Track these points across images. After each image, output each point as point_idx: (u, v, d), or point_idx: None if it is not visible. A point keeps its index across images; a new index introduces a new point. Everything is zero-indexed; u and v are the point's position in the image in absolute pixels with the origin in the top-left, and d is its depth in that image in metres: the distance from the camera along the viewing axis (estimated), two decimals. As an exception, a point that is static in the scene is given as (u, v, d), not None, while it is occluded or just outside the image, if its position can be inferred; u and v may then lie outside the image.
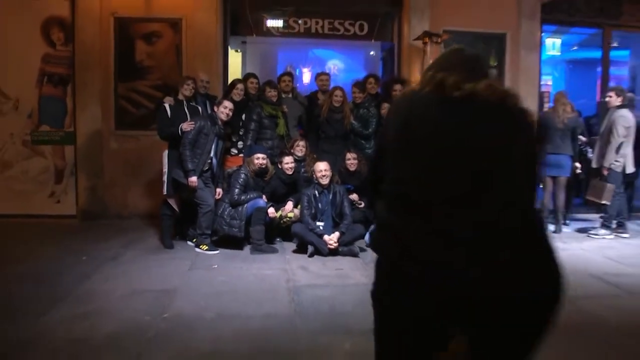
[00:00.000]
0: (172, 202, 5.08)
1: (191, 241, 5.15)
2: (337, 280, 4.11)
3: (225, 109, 4.98)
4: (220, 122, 4.99)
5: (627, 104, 6.09)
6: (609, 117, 6.07)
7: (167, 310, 3.26)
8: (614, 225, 6.16)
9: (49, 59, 6.51)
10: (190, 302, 3.45)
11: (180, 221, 5.27)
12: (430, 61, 6.01)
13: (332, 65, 8.03)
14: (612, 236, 6.03)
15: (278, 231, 5.36)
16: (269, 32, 7.08)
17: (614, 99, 6.08)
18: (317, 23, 7.03)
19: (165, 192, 5.09)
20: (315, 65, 7.92)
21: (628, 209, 6.73)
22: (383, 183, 1.44)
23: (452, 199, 1.28)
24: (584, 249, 5.42)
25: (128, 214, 6.43)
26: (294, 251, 4.99)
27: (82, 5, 6.36)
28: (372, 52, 8.00)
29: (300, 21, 7.02)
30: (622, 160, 5.91)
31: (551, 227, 6.23)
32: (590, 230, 6.21)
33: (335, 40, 7.39)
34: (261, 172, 5.19)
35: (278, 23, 7.00)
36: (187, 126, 4.86)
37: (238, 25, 6.99)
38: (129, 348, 2.68)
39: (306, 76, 7.99)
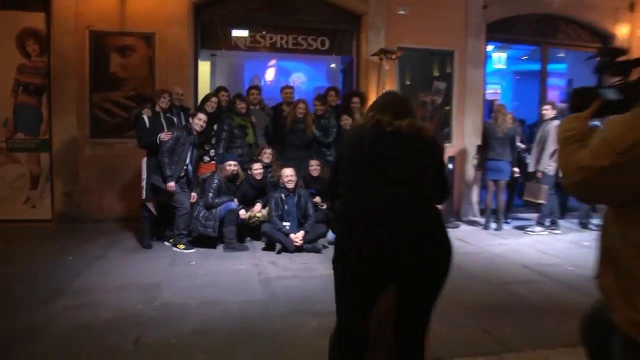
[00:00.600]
0: (150, 205, 5.51)
1: (168, 242, 5.58)
2: (303, 273, 4.66)
3: (200, 121, 5.45)
4: (195, 133, 5.46)
5: (559, 116, 6.90)
6: (544, 128, 6.84)
7: (156, 300, 3.72)
8: (547, 223, 6.96)
9: (24, 70, 6.78)
10: (175, 293, 3.92)
11: (157, 223, 5.69)
12: (386, 75, 6.66)
13: (296, 78, 8.58)
14: (546, 233, 6.82)
15: (248, 231, 5.87)
16: (237, 46, 7.57)
17: (549, 112, 6.88)
18: (282, 39, 7.56)
19: (144, 197, 5.51)
20: (280, 78, 8.45)
21: (562, 209, 7.59)
22: (340, 189, 2.06)
23: (386, 198, 1.89)
24: (521, 244, 6.16)
25: (104, 218, 6.76)
26: (264, 249, 5.51)
27: (58, 18, 6.65)
28: (333, 66, 8.60)
29: (266, 36, 7.54)
30: (554, 165, 6.70)
31: (493, 226, 6.99)
32: (527, 228, 6.99)
33: (298, 55, 7.94)
34: (233, 178, 5.69)
35: (245, 38, 7.49)
36: (165, 136, 5.30)
37: (208, 40, 7.44)
38: (128, 331, 3.13)
39: (271, 88, 8.50)
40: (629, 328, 1.39)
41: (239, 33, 7.47)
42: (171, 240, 5.53)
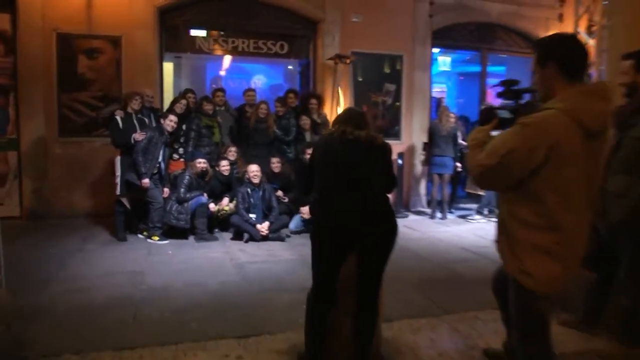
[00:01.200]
0: (124, 200, 5.89)
1: (141, 234, 5.99)
2: (270, 258, 5.21)
3: (171, 122, 5.88)
4: (166, 132, 5.88)
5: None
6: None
7: (143, 284, 4.18)
8: (486, 212, 7.81)
9: (-11, 70, 6.95)
10: (158, 277, 4.38)
11: (129, 217, 6.07)
12: (341, 78, 7.24)
13: (256, 80, 9.07)
14: (484, 220, 7.66)
15: (216, 223, 6.35)
16: (200, 49, 7.98)
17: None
18: (243, 42, 8.02)
19: (118, 192, 5.89)
20: (241, 79, 8.92)
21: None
22: (313, 187, 2.68)
23: (349, 191, 2.51)
24: (461, 230, 6.94)
25: (73, 214, 7.04)
26: (232, 238, 6.03)
27: (24, 19, 6.83)
28: (290, 67, 9.13)
29: (228, 40, 7.98)
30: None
31: (439, 215, 7.77)
32: (468, 216, 7.82)
33: (259, 58, 8.43)
34: (202, 174, 6.14)
35: (208, 41, 7.91)
36: (139, 136, 5.70)
37: (172, 43, 7.82)
38: (124, 309, 3.59)
39: (233, 89, 8.96)
40: (515, 275, 2.04)
41: (201, 36, 7.88)
42: (145, 233, 5.94)
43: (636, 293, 2.85)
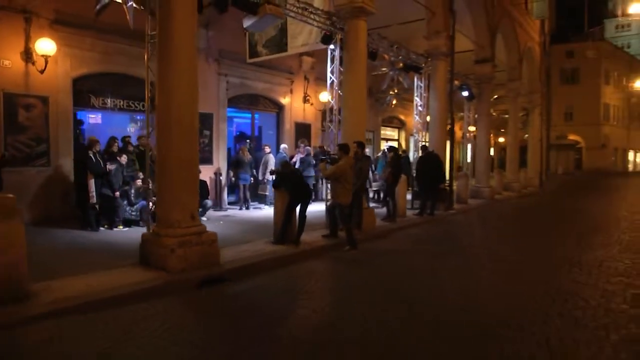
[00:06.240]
0: (97, 206, 9.66)
1: (103, 227, 9.83)
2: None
3: (124, 158, 10.00)
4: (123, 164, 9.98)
5: (279, 152, 14.04)
6: (265, 157, 13.88)
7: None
8: (269, 204, 14.05)
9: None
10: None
11: (97, 216, 9.81)
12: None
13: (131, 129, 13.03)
14: (268, 207, 13.87)
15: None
16: (102, 107, 11.68)
17: (267, 149, 13.97)
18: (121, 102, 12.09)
19: (94, 201, 9.60)
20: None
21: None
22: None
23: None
24: (257, 213, 12.95)
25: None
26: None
27: (-20, 83, 9.51)
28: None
29: (113, 100, 11.92)
30: (269, 176, 13.82)
31: (244, 207, 13.59)
32: (258, 207, 13.90)
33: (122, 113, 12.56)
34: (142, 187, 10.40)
35: (106, 101, 11.70)
36: (110, 166, 9.66)
37: (83, 102, 11.30)
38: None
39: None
40: (336, 200, 8.43)
41: (102, 97, 11.61)
42: (105, 225, 9.83)
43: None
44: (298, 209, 8.65)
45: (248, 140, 15.62)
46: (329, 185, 10.32)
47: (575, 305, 5.52)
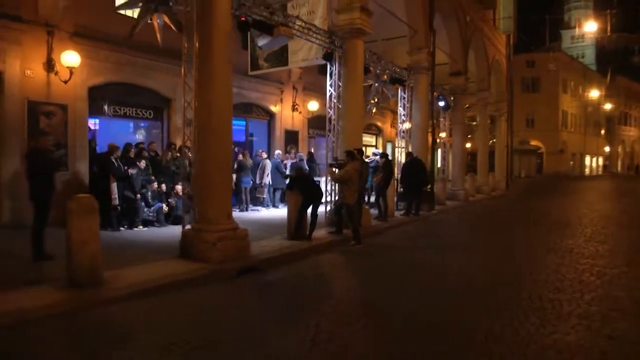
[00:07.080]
0: (119, 207, 10.43)
1: (123, 227, 10.59)
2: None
3: (142, 163, 10.81)
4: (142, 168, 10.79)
5: (275, 157, 15.04)
6: (262, 163, 14.85)
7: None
8: (270, 206, 15.01)
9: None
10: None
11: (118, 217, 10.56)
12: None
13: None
14: (267, 210, 14.83)
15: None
16: (114, 114, 12.41)
17: (263, 154, 14.96)
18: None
19: (116, 203, 10.36)
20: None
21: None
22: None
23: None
24: (256, 214, 13.89)
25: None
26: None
27: (7, 92, 10.16)
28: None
29: (121, 109, 12.66)
30: (268, 179, 14.78)
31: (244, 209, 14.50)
32: (259, 209, 14.84)
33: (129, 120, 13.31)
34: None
35: (117, 109, 12.45)
36: (131, 170, 10.46)
37: (96, 109, 12.02)
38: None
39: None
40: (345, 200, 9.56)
41: (108, 105, 12.35)
42: (125, 226, 10.60)
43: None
44: (310, 208, 9.72)
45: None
46: (327, 188, 11.43)
47: (556, 278, 7.00)
